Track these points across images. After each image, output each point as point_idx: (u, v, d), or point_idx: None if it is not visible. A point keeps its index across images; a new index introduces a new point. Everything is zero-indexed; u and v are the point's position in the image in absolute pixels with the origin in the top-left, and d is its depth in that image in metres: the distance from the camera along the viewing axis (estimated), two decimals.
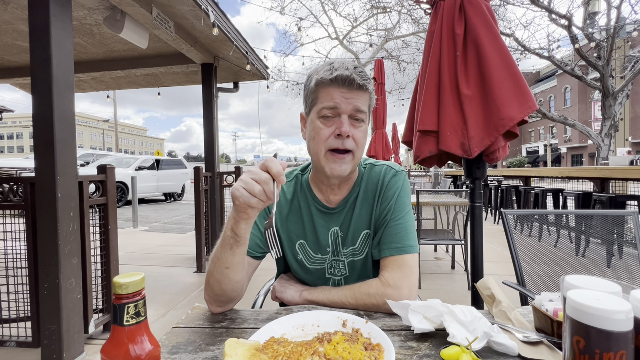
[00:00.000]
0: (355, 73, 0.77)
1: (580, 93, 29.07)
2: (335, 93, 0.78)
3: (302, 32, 12.73)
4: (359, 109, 0.79)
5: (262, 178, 0.62)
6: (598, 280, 0.47)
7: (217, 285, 0.74)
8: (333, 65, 0.79)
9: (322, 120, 0.81)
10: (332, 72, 0.77)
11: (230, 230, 0.69)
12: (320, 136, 0.81)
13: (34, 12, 1.72)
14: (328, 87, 0.79)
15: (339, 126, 0.78)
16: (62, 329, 1.73)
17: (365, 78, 0.79)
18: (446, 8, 1.51)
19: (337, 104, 0.78)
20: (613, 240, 1.44)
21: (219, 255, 0.73)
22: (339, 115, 0.79)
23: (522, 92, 1.34)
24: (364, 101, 0.80)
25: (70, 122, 1.83)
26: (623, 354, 0.37)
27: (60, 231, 1.73)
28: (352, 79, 0.76)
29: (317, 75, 0.80)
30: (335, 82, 0.78)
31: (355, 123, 0.81)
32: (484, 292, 0.74)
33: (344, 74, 0.76)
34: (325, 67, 0.80)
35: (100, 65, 4.17)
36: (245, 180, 0.63)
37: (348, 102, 0.78)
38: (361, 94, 0.79)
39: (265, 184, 0.62)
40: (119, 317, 0.42)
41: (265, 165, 0.64)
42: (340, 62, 0.80)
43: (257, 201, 0.63)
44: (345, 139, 0.79)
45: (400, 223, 0.85)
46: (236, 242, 0.69)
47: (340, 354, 0.54)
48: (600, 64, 7.61)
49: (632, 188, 5.05)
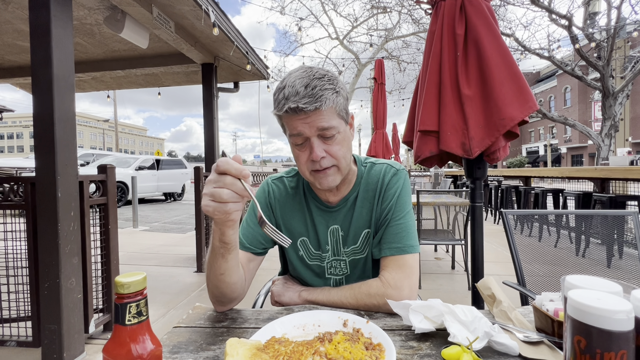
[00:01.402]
0: (305, 98, 0.72)
1: (581, 93, 29.07)
2: (294, 122, 0.76)
3: (303, 32, 12.73)
4: (323, 127, 0.75)
5: (227, 182, 0.59)
6: (599, 280, 0.47)
7: (216, 290, 0.75)
8: (284, 93, 0.74)
9: (296, 147, 0.80)
10: (282, 105, 0.74)
11: (219, 241, 0.67)
12: (300, 161, 0.81)
13: (35, 11, 1.72)
14: (286, 118, 0.77)
15: (311, 151, 0.77)
16: (63, 329, 1.73)
17: (319, 96, 0.73)
18: (447, 8, 1.51)
19: (300, 131, 0.76)
20: (613, 241, 1.44)
21: (211, 263, 0.72)
22: (308, 139, 0.77)
23: (522, 92, 1.34)
24: (328, 116, 0.76)
25: (71, 121, 1.83)
26: (624, 354, 0.37)
27: (60, 231, 1.73)
28: (301, 108, 0.72)
29: (274, 109, 0.78)
30: (289, 114, 0.75)
31: (326, 140, 0.78)
32: (485, 292, 0.74)
33: (292, 106, 0.72)
34: (278, 98, 0.75)
35: (100, 65, 4.17)
36: (210, 193, 0.60)
37: (310, 126, 0.75)
38: (321, 112, 0.74)
39: (232, 186, 0.59)
40: (120, 317, 0.42)
41: (221, 169, 0.59)
42: (291, 84, 0.74)
43: (232, 205, 0.60)
44: (320, 161, 0.78)
45: (401, 223, 0.85)
46: (227, 250, 0.69)
47: (341, 354, 0.54)
48: (600, 64, 7.61)
49: (633, 188, 5.05)
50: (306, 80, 0.74)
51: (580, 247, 2.22)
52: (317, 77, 0.75)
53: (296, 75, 0.76)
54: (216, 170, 0.60)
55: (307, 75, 0.75)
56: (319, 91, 0.73)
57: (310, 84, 0.74)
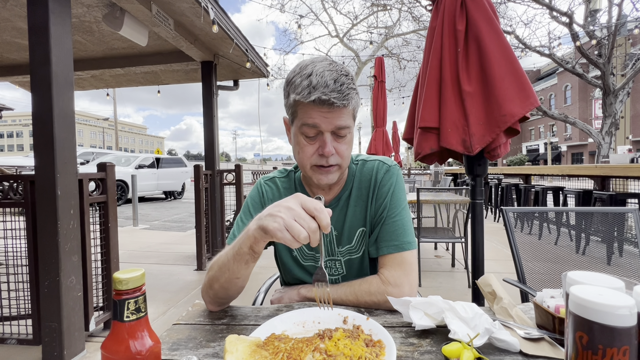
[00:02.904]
0: (335, 93, 0.71)
1: (581, 91, 29.02)
2: (314, 113, 0.74)
3: (302, 30, 12.70)
4: (341, 126, 0.75)
5: (312, 227, 0.58)
6: (601, 276, 0.47)
7: (223, 291, 0.74)
8: (311, 81, 0.71)
9: (304, 137, 0.78)
10: (311, 93, 0.71)
11: (249, 248, 0.66)
12: (305, 153, 0.79)
13: (33, 9, 1.71)
14: (306, 106, 0.74)
15: (322, 145, 0.76)
16: (63, 327, 1.73)
17: (346, 93, 0.72)
18: (447, 4, 1.50)
19: (317, 123, 0.74)
20: (613, 238, 1.44)
21: (229, 267, 0.71)
22: (321, 132, 0.76)
23: (523, 89, 1.34)
24: (346, 117, 0.76)
25: (70, 120, 1.82)
26: (626, 350, 0.37)
27: (60, 229, 1.73)
28: (332, 102, 0.71)
29: (294, 94, 0.74)
30: (314, 103, 0.72)
31: (338, 138, 0.78)
32: (485, 289, 0.74)
33: (322, 98, 0.71)
34: (304, 84, 0.72)
35: (99, 63, 4.16)
36: (289, 224, 0.58)
37: (329, 122, 0.74)
38: (343, 110, 0.74)
39: (313, 233, 0.58)
40: (119, 313, 0.42)
41: (312, 212, 0.59)
42: (320, 74, 0.72)
43: (297, 245, 0.58)
44: (329, 157, 0.77)
45: (397, 220, 0.84)
46: (253, 258, 0.69)
47: (341, 350, 0.54)
48: (601, 62, 7.58)
49: (633, 186, 5.04)
50: (335, 75, 0.73)
51: (581, 245, 2.21)
52: (344, 74, 0.74)
53: (322, 66, 0.74)
54: (307, 209, 0.59)
55: (334, 69, 0.74)
56: (347, 89, 0.73)
57: (339, 79, 0.73)
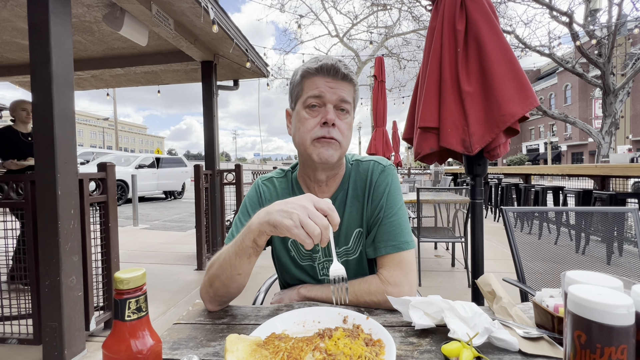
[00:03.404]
0: (339, 64, 0.81)
1: (581, 91, 29.01)
2: (320, 82, 0.81)
3: (302, 29, 12.70)
4: (343, 99, 0.81)
5: (324, 224, 0.60)
6: (599, 276, 0.47)
7: (224, 288, 0.74)
8: (318, 59, 0.83)
9: (307, 110, 0.82)
10: (317, 62, 0.81)
11: (252, 241, 0.67)
12: (306, 126, 0.82)
13: (33, 9, 1.72)
14: (313, 77, 0.81)
15: (325, 114, 0.80)
16: (64, 326, 1.73)
17: (349, 70, 0.82)
18: (447, 4, 1.50)
19: (322, 92, 0.80)
20: (613, 238, 1.44)
21: (231, 262, 0.71)
22: (324, 104, 0.81)
23: (523, 88, 1.34)
24: (348, 92, 0.83)
25: (70, 120, 1.82)
26: (624, 349, 0.37)
27: (60, 229, 1.74)
28: (337, 67, 0.80)
29: (302, 70, 0.84)
30: (320, 72, 0.80)
31: (340, 114, 0.83)
32: (485, 289, 0.74)
33: (328, 63, 0.80)
34: (311, 61, 0.84)
35: (99, 63, 4.16)
36: (304, 221, 0.60)
37: (333, 92, 0.80)
38: (346, 84, 0.82)
39: (325, 230, 0.60)
40: (120, 313, 0.42)
41: (325, 211, 0.62)
42: (326, 57, 0.84)
43: (310, 242, 0.60)
44: (331, 127, 0.80)
45: (394, 220, 0.84)
46: (255, 252, 0.69)
47: (341, 350, 0.54)
48: (601, 62, 7.58)
49: (633, 185, 5.04)
50: (338, 59, 0.84)
51: (580, 245, 2.22)
52: (346, 64, 0.85)
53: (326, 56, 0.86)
54: (319, 208, 0.62)
55: (338, 58, 0.85)
56: (350, 69, 0.83)
57: (343, 61, 0.84)
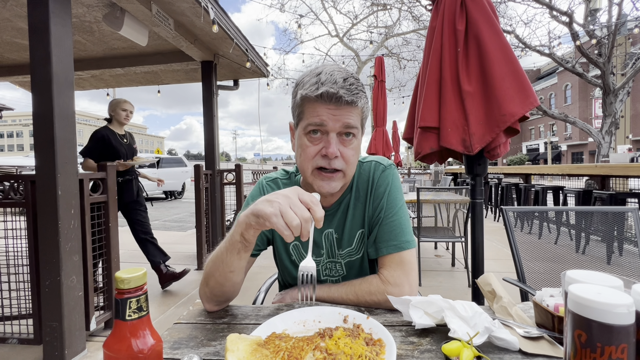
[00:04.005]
0: (344, 88, 0.71)
1: (581, 90, 29.00)
2: (321, 109, 0.72)
3: (302, 29, 12.69)
4: (348, 125, 0.73)
5: (305, 216, 0.59)
6: (599, 275, 0.47)
7: (218, 287, 0.73)
8: (320, 78, 0.72)
9: (308, 137, 0.75)
10: (319, 87, 0.71)
11: (240, 235, 0.66)
12: (307, 154, 0.76)
13: (34, 9, 1.72)
14: (314, 102, 0.73)
15: (326, 146, 0.73)
16: (64, 326, 1.73)
17: (355, 92, 0.72)
18: (447, 4, 1.50)
19: (324, 121, 0.72)
20: (613, 238, 1.44)
21: (223, 259, 0.71)
22: (327, 132, 0.74)
23: (523, 88, 1.34)
24: (354, 116, 0.74)
25: (71, 120, 1.82)
26: (625, 348, 0.37)
27: (61, 229, 1.74)
28: (340, 96, 0.70)
29: (302, 90, 0.74)
30: (321, 99, 0.71)
31: (345, 140, 0.75)
32: (485, 288, 0.74)
33: (330, 91, 0.70)
34: (312, 80, 0.73)
35: (99, 63, 4.16)
36: (284, 210, 0.58)
37: (336, 120, 0.72)
38: (351, 109, 0.73)
39: (305, 222, 0.58)
40: (121, 312, 0.42)
41: (308, 204, 0.60)
42: (329, 72, 0.73)
43: (289, 234, 0.58)
44: (332, 160, 0.74)
45: (394, 220, 0.84)
46: (244, 247, 0.68)
47: (341, 349, 0.54)
48: (601, 61, 7.58)
49: (633, 185, 5.04)
50: (344, 74, 0.73)
51: (580, 244, 2.21)
52: (354, 77, 0.75)
53: (332, 67, 0.75)
54: (302, 200, 0.60)
55: (344, 70, 0.75)
56: (356, 89, 0.73)
57: (349, 79, 0.73)
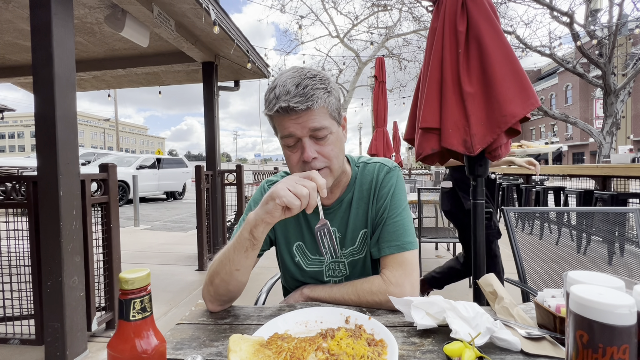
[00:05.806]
0: (297, 96, 0.71)
1: (582, 91, 28.96)
2: (285, 122, 0.74)
3: (303, 30, 12.70)
4: (314, 128, 0.74)
5: (309, 185, 0.66)
6: (601, 276, 0.48)
7: (223, 286, 0.74)
8: (275, 93, 0.73)
9: (286, 148, 0.79)
10: (275, 104, 0.72)
11: (249, 233, 0.70)
12: (291, 163, 0.79)
13: (36, 11, 1.72)
14: (277, 118, 0.75)
15: (303, 152, 0.76)
16: (66, 327, 1.74)
17: (310, 95, 0.71)
18: (448, 5, 1.50)
19: (292, 132, 0.74)
20: (614, 238, 1.44)
21: (230, 257, 0.72)
22: (299, 139, 0.75)
23: (524, 89, 1.34)
24: (318, 117, 0.74)
25: (72, 121, 1.83)
26: (626, 348, 0.37)
27: (62, 229, 1.74)
28: (293, 107, 0.71)
29: (266, 110, 0.76)
30: (280, 113, 0.73)
31: (319, 140, 0.76)
32: (486, 289, 0.74)
33: (282, 105, 0.71)
34: (270, 97, 0.74)
35: (101, 64, 4.17)
36: (290, 184, 0.66)
37: (302, 127, 0.74)
38: (311, 112, 0.73)
39: (312, 190, 0.66)
40: (125, 313, 0.43)
41: (310, 176, 0.68)
42: (282, 84, 0.73)
43: (299, 205, 0.65)
44: (312, 162, 0.76)
45: (398, 220, 0.85)
46: (252, 245, 0.70)
47: (343, 350, 0.54)
48: (602, 62, 7.57)
49: (634, 186, 5.03)
50: (297, 80, 0.73)
51: (582, 245, 2.21)
52: (309, 77, 0.74)
53: (287, 75, 0.75)
54: (304, 176, 0.69)
55: (298, 75, 0.74)
56: (310, 90, 0.72)
57: (302, 83, 0.72)
